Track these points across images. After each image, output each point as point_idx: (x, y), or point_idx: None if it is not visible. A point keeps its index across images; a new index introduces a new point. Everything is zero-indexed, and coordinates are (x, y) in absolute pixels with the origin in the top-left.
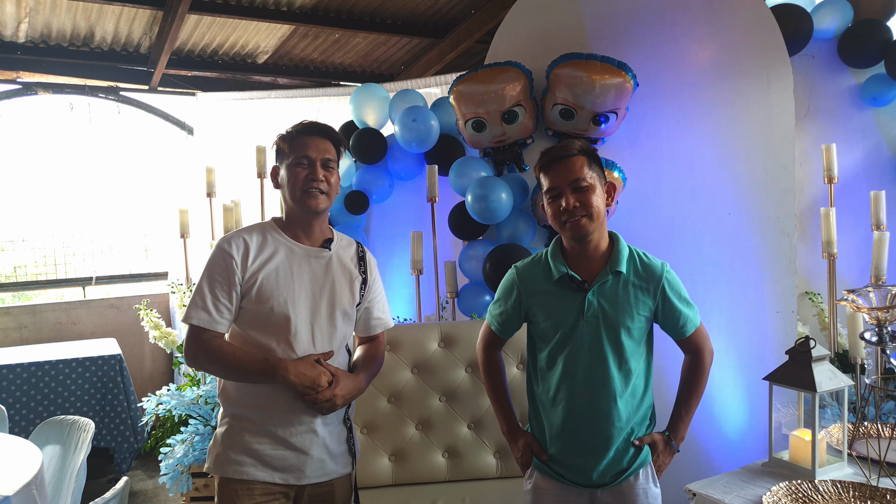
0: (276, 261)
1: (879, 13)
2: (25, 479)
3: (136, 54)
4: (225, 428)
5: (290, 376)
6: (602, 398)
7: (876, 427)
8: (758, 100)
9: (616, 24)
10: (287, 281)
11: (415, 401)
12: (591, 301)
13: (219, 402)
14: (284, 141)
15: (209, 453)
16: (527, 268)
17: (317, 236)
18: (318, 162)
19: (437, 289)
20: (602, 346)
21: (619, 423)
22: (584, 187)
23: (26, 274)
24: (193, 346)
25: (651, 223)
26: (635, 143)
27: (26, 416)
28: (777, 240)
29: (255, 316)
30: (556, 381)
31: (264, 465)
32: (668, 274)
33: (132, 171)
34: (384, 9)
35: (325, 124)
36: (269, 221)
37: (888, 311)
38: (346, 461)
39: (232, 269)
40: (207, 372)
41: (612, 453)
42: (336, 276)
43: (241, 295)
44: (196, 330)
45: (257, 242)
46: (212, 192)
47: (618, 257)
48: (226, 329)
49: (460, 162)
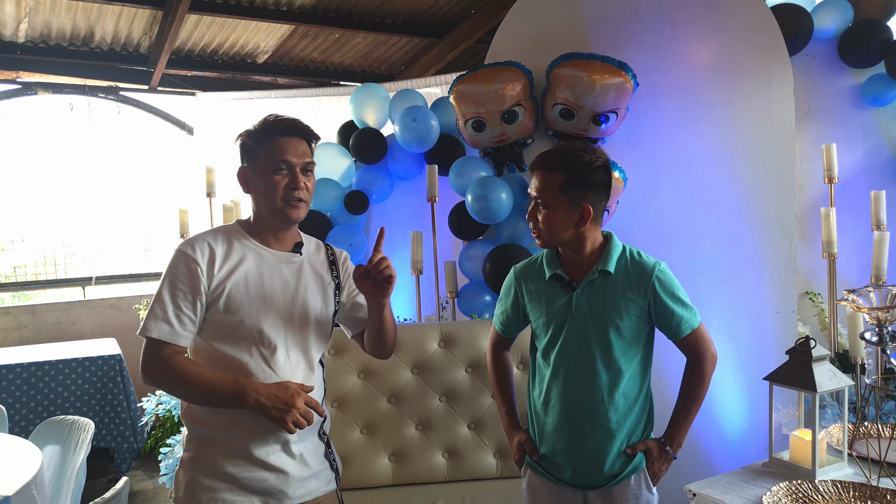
0: (244, 268)
1: (879, 13)
2: (25, 479)
3: (135, 54)
4: (192, 452)
5: (262, 398)
6: (590, 398)
7: (876, 427)
8: (758, 100)
9: (616, 24)
10: (258, 289)
11: (415, 401)
12: (578, 299)
13: (182, 423)
14: (255, 140)
15: (176, 481)
16: (523, 268)
17: (287, 241)
18: (298, 168)
19: (437, 289)
20: (590, 345)
21: (608, 423)
22: (545, 206)
23: (26, 274)
24: (152, 361)
25: (651, 223)
26: (635, 143)
27: (26, 416)
28: (777, 240)
29: (223, 328)
30: (548, 379)
31: (241, 488)
32: (659, 273)
33: (132, 171)
34: (384, 9)
35: (297, 120)
36: (235, 225)
37: (888, 311)
38: (328, 477)
39: (196, 276)
40: (166, 391)
41: (601, 455)
42: (308, 282)
43: (207, 306)
44: (155, 344)
45: (223, 248)
46: (212, 192)
47: (607, 257)
48: (188, 342)
49: (460, 162)
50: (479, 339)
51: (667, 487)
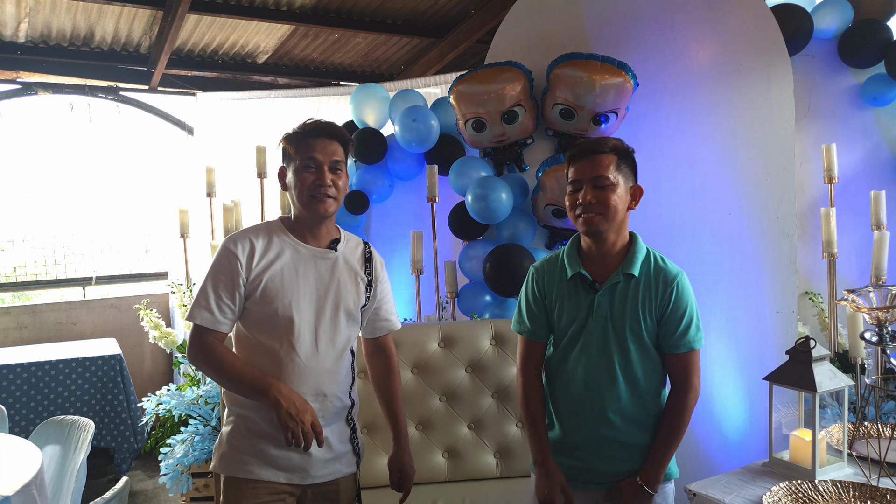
0: (281, 262)
1: (879, 13)
2: (25, 479)
3: (136, 54)
4: (230, 427)
5: (281, 398)
6: (605, 402)
7: (876, 427)
8: (758, 100)
9: (616, 24)
10: (292, 282)
11: (415, 401)
12: (600, 302)
13: (224, 401)
14: (290, 143)
15: (215, 452)
16: (543, 264)
17: (323, 237)
18: (326, 165)
19: (437, 289)
20: (609, 349)
21: (617, 430)
22: (605, 186)
23: (26, 274)
24: (196, 346)
25: (651, 223)
26: (635, 143)
27: (26, 416)
28: (777, 240)
29: (260, 317)
30: (565, 381)
31: (269, 464)
32: (681, 281)
33: (132, 171)
34: (384, 9)
35: (331, 123)
36: (277, 221)
37: (888, 311)
38: (350, 461)
39: (236, 269)
40: (205, 374)
41: (609, 459)
42: (342, 277)
43: (246, 296)
44: (199, 330)
45: (263, 243)
46: (212, 192)
47: (632, 259)
48: (228, 329)
49: (460, 162)
50: (479, 340)
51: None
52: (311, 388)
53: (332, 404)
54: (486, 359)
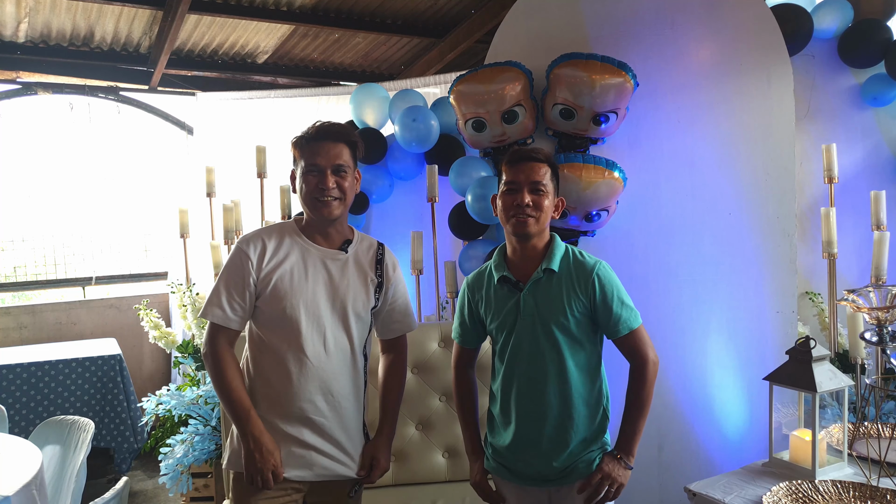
0: (290, 262)
1: (879, 13)
2: (25, 479)
3: (135, 54)
4: None
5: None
6: (542, 395)
7: (876, 427)
8: (758, 100)
9: (616, 24)
10: (301, 283)
11: (415, 401)
12: (526, 300)
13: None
14: (297, 147)
15: (224, 449)
16: (473, 277)
17: (335, 238)
18: (329, 170)
19: (437, 289)
20: (539, 344)
21: (561, 420)
22: (541, 191)
23: (26, 274)
24: (209, 343)
25: (651, 223)
26: (635, 143)
27: (26, 416)
28: (777, 240)
29: (270, 316)
30: (501, 380)
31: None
32: (600, 271)
33: (132, 171)
34: (384, 9)
35: (336, 125)
36: (291, 222)
37: (888, 311)
38: (357, 464)
39: (247, 269)
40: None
41: (556, 452)
42: (352, 278)
43: (257, 295)
44: (213, 328)
45: (275, 243)
46: (212, 192)
47: (551, 256)
48: (238, 326)
49: (460, 162)
50: None
51: (667, 487)
52: (318, 387)
53: (340, 405)
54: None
